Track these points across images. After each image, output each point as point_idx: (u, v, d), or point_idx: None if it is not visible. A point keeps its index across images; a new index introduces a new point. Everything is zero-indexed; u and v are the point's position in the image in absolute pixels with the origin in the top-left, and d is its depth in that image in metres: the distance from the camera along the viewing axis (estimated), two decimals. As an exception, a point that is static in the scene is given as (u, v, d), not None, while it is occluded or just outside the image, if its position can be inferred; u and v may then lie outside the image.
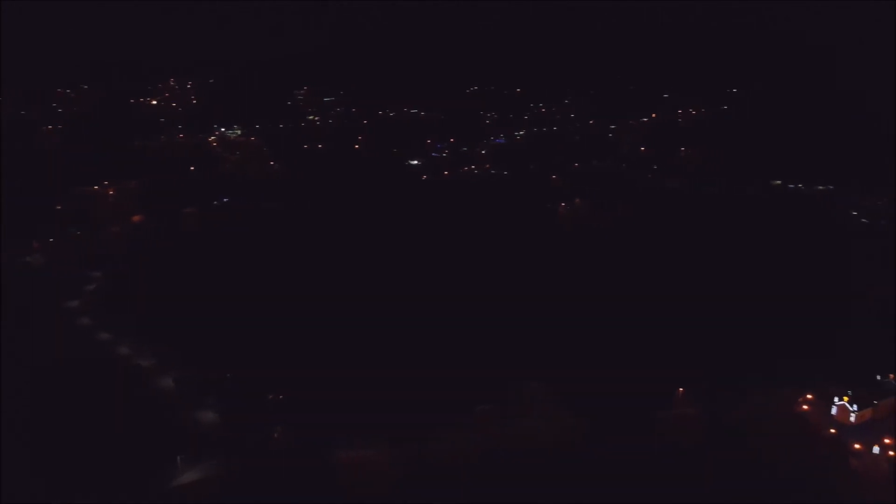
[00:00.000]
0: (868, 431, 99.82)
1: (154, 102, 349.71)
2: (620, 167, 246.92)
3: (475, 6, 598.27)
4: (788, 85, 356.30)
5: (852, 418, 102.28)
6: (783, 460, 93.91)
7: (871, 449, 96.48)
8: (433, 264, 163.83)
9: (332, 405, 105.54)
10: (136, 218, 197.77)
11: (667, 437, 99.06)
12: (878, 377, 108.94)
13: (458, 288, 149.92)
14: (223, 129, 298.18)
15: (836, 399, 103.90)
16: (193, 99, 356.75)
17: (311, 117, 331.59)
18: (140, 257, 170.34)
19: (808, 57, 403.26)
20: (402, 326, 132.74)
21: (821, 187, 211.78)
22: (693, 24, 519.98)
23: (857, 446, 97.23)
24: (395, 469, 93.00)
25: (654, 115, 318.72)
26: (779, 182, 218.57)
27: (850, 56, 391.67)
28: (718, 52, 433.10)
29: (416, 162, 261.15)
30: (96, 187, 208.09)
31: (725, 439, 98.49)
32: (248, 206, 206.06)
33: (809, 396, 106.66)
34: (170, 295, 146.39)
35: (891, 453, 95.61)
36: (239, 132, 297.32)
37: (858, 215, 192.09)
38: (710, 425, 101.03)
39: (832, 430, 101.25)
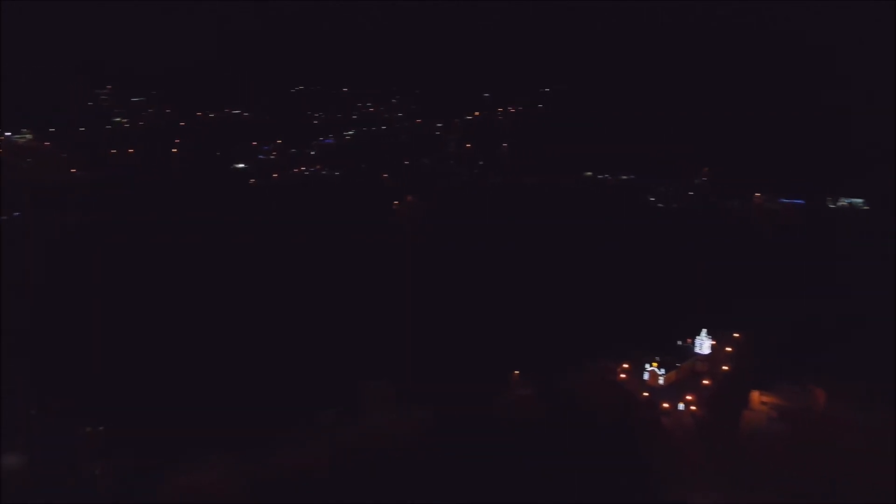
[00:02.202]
0: (673, 391, 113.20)
1: None
2: (448, 164, 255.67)
3: (300, 6, 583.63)
4: (600, 84, 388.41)
5: (661, 381, 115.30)
6: (609, 423, 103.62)
7: (677, 406, 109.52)
8: (267, 268, 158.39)
9: (157, 430, 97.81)
10: None
11: (506, 417, 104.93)
12: (679, 342, 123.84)
13: (292, 291, 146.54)
14: (8, 134, 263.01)
15: (646, 366, 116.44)
16: None
17: (117, 119, 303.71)
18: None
19: (622, 53, 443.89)
20: (229, 335, 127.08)
21: (624, 177, 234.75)
22: (510, 24, 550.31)
23: (665, 405, 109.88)
24: (235, 489, 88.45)
25: (476, 114, 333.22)
26: (590, 173, 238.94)
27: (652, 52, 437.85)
28: (535, 51, 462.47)
29: (242, 165, 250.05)
30: None
31: (559, 412, 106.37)
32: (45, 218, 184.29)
33: (626, 366, 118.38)
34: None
35: (692, 408, 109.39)
36: (29, 136, 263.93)
37: (655, 201, 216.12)
38: (544, 401, 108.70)
39: (646, 394, 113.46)
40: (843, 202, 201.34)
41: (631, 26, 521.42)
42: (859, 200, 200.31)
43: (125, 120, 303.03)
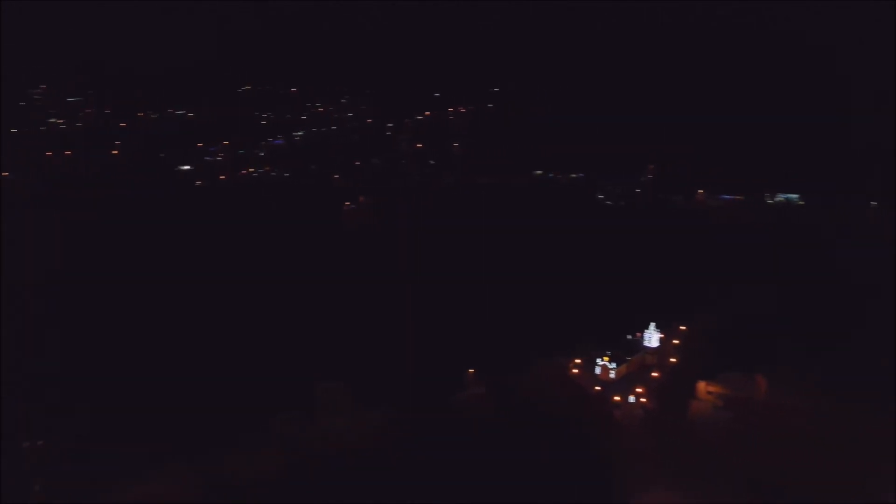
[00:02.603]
0: (624, 385, 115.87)
1: None
2: (400, 164, 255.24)
3: (248, 6, 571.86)
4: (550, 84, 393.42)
5: (612, 375, 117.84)
6: (562, 419, 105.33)
7: (628, 399, 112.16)
8: (216, 272, 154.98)
9: (104, 439, 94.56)
10: None
11: (463, 415, 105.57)
12: (629, 337, 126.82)
13: (243, 295, 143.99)
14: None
15: (598, 360, 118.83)
16: None
17: (52, 120, 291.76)
18: None
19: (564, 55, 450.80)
20: (180, 340, 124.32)
21: (573, 175, 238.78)
22: (460, 24, 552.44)
23: (616, 398, 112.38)
24: (190, 498, 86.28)
25: (427, 114, 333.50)
26: (540, 172, 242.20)
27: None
28: (485, 51, 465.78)
29: (187, 167, 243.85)
30: None
31: (513, 408, 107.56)
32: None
33: (578, 361, 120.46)
34: None
35: (642, 400, 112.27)
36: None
37: (604, 198, 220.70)
38: (499, 398, 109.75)
39: (598, 388, 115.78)
40: (780, 198, 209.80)
41: (578, 27, 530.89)
42: (795, 196, 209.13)
43: (61, 120, 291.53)
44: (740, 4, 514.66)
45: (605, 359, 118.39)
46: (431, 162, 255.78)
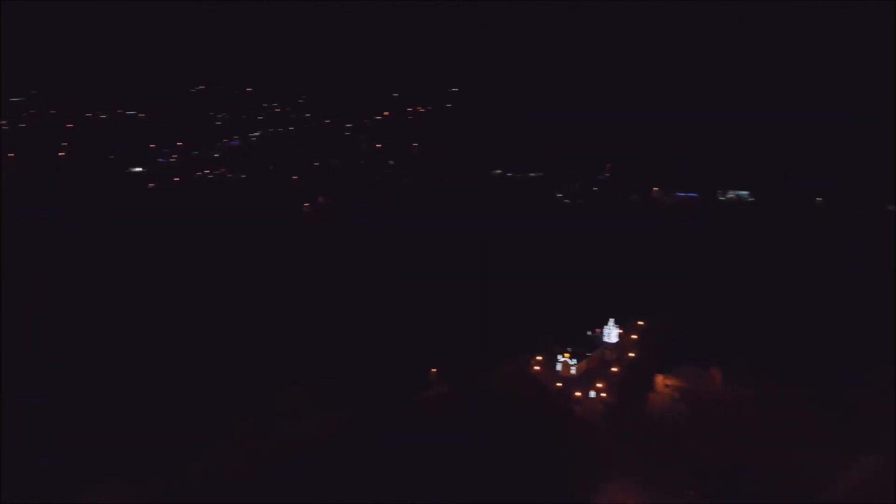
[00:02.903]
0: (585, 380, 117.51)
1: None
2: (359, 164, 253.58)
3: (202, 5, 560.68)
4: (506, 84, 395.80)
5: (573, 371, 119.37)
6: (524, 415, 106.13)
7: (588, 394, 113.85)
8: (173, 277, 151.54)
9: (60, 452, 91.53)
10: None
11: (426, 414, 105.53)
12: (589, 333, 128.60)
13: (201, 299, 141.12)
14: None
15: (559, 357, 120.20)
16: None
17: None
18: None
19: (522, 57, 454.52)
20: (137, 344, 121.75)
21: (532, 174, 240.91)
22: (419, 24, 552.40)
23: (577, 394, 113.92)
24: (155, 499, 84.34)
25: (386, 114, 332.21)
26: (500, 171, 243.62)
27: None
28: (443, 51, 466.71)
29: (139, 169, 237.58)
30: None
31: (477, 405, 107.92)
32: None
33: (539, 358, 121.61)
34: None
35: (603, 395, 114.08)
36: None
37: (563, 197, 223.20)
38: (463, 396, 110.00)
39: (559, 384, 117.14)
40: (731, 194, 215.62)
41: (537, 28, 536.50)
42: (745, 193, 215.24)
43: (3, 121, 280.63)
44: (694, 4, 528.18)
45: (566, 355, 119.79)
46: (391, 162, 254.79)
